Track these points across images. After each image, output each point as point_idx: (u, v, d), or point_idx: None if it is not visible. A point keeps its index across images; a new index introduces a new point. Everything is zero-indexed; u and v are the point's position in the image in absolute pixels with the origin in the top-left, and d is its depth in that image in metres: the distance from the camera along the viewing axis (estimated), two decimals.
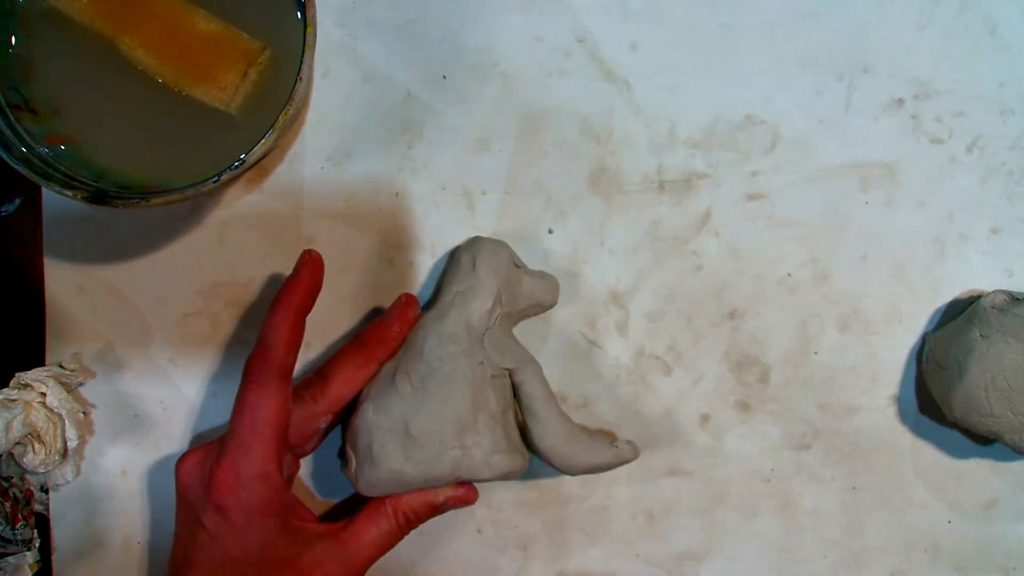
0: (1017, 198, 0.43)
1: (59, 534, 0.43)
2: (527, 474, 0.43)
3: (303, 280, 0.38)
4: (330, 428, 0.40)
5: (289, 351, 0.37)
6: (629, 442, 0.40)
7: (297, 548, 0.37)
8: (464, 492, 0.39)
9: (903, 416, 0.43)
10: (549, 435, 0.38)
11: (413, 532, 0.40)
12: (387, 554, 0.43)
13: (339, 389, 0.39)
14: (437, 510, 0.39)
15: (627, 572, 0.43)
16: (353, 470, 0.38)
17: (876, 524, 0.43)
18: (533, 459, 0.40)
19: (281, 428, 0.37)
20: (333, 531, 0.38)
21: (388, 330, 0.39)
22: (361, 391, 0.39)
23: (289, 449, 0.38)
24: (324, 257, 0.41)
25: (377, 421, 0.38)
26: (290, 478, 0.40)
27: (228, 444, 0.37)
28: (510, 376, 0.39)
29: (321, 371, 0.39)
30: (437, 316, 0.39)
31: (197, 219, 0.42)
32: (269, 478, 0.36)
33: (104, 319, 0.42)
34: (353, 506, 0.42)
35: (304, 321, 0.38)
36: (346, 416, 0.40)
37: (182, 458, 0.38)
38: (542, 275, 0.41)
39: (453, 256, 0.41)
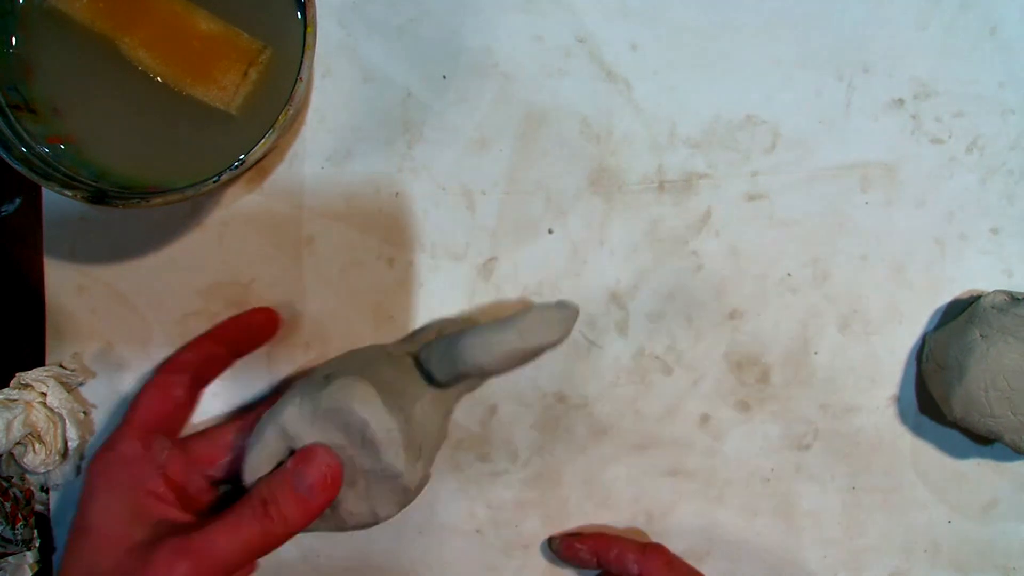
0: (1017, 198, 0.43)
1: (59, 534, 0.43)
2: (526, 474, 0.43)
3: (240, 318, 0.40)
4: (227, 488, 0.39)
5: (190, 354, 0.39)
6: (548, 307, 0.37)
7: (147, 550, 0.33)
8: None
9: (903, 416, 0.43)
10: (476, 351, 0.36)
11: (413, 532, 0.40)
12: (386, 554, 0.42)
13: (224, 432, 0.38)
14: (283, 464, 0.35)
15: None
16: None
17: (876, 524, 0.43)
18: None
19: (152, 411, 0.37)
20: (190, 524, 0.34)
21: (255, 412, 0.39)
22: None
23: (180, 491, 0.37)
24: (324, 257, 0.41)
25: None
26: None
27: None
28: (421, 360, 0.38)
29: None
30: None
31: (197, 219, 0.42)
32: (119, 446, 0.36)
33: (104, 319, 0.42)
34: None
35: (222, 349, 0.40)
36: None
37: None
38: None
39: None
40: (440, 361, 0.37)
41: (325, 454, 0.34)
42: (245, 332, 0.40)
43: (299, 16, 0.37)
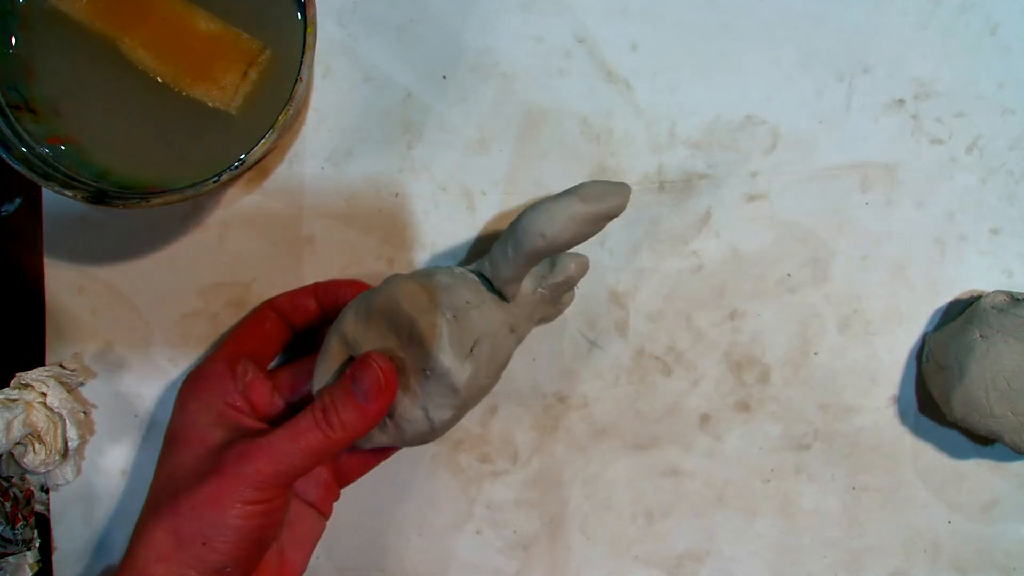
0: (1017, 198, 0.43)
1: (59, 534, 0.43)
2: (526, 474, 0.42)
3: (338, 282, 0.41)
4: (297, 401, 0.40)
5: (283, 297, 0.40)
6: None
7: (221, 450, 0.36)
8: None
9: (903, 416, 0.43)
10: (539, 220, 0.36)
11: (413, 532, 0.40)
12: (386, 554, 0.43)
13: (308, 363, 0.39)
14: (353, 377, 0.36)
15: (627, 572, 0.43)
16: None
17: (876, 524, 0.43)
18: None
19: (241, 338, 0.40)
20: (263, 431, 0.36)
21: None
22: None
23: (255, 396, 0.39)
24: (324, 257, 0.41)
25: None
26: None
27: None
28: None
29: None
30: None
31: (197, 219, 0.42)
32: (207, 366, 0.39)
33: (104, 319, 0.42)
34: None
35: (313, 303, 0.40)
36: None
37: None
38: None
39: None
40: (503, 248, 0.37)
41: (378, 358, 0.36)
42: (339, 296, 0.40)
43: (299, 16, 0.37)
